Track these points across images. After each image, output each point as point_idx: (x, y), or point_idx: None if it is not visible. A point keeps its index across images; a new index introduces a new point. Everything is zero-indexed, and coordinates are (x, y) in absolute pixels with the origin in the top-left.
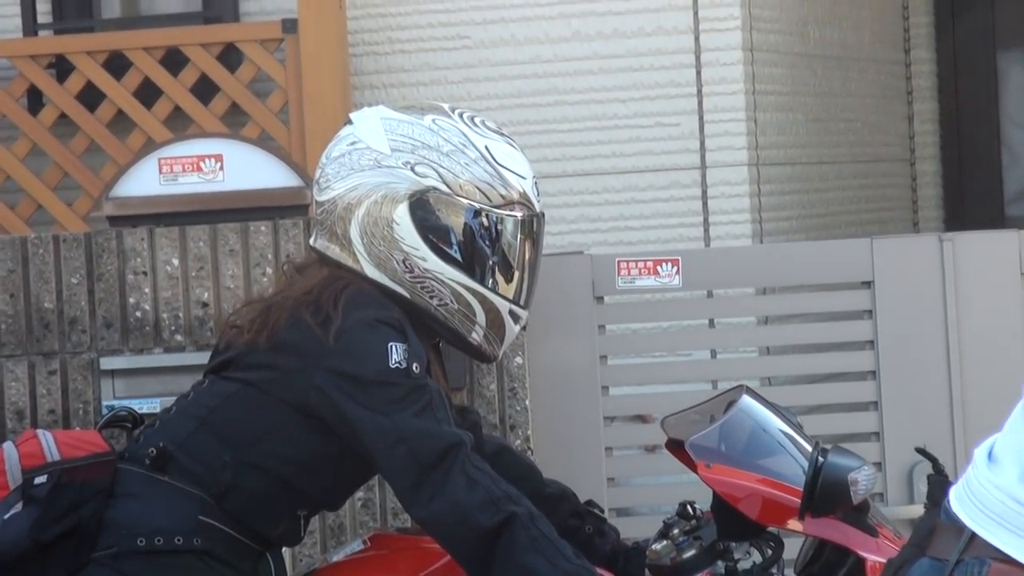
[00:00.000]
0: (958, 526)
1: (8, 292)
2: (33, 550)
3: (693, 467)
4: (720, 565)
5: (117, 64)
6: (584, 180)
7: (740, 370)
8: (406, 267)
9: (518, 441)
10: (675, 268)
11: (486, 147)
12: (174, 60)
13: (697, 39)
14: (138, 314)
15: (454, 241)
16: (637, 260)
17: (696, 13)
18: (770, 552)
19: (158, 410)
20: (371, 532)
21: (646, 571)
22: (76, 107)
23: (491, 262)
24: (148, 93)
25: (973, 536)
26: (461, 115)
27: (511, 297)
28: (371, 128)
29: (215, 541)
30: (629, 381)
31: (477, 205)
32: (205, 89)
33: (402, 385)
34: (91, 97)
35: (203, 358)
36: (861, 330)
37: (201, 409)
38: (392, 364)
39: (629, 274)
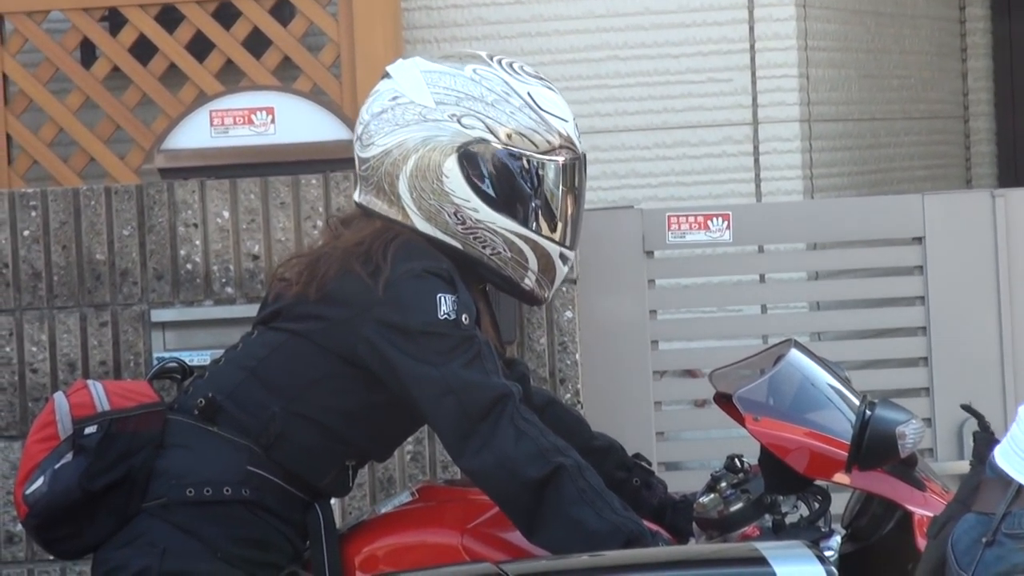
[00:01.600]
0: (1005, 480)
1: (60, 244)
2: (83, 499)
3: (741, 420)
4: (767, 518)
5: (169, 17)
6: (636, 135)
7: (790, 325)
8: (458, 219)
9: (568, 395)
10: (726, 223)
11: (528, 94)
12: (226, 13)
13: None
14: (189, 266)
15: (503, 190)
16: (688, 215)
17: None
18: (817, 506)
19: (208, 362)
20: (419, 484)
21: (693, 524)
22: (128, 60)
23: (539, 208)
24: (200, 46)
25: (1020, 488)
26: (500, 62)
27: (559, 240)
28: (412, 81)
29: (264, 491)
30: (679, 336)
31: (526, 153)
32: (257, 43)
33: (451, 336)
34: (143, 50)
35: (253, 310)
36: (912, 286)
37: (250, 360)
38: (441, 315)
39: (680, 229)
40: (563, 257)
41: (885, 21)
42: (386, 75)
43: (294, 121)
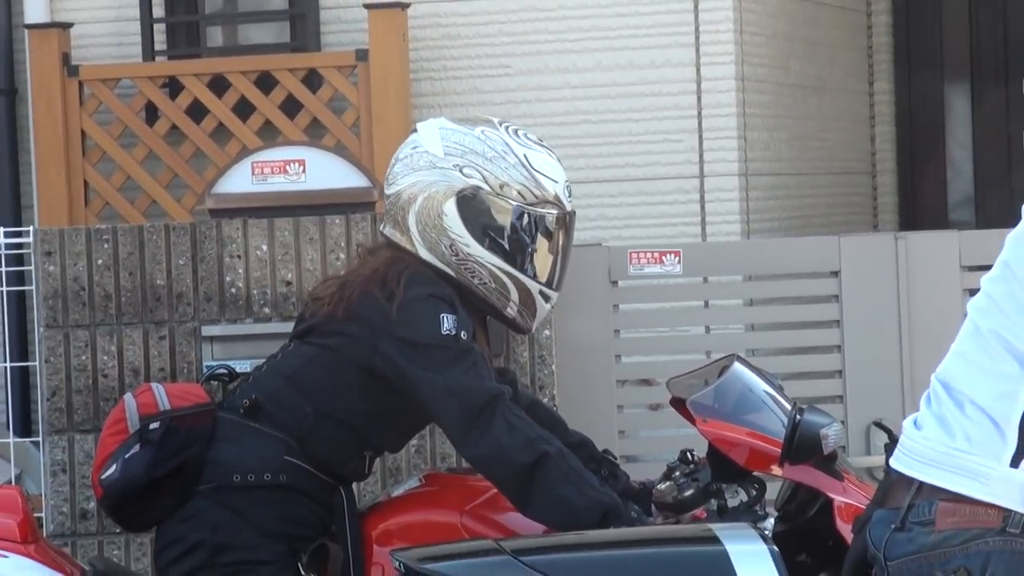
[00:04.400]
0: (906, 480)
1: (128, 271)
2: (148, 483)
3: (692, 421)
4: (713, 503)
5: (219, 84)
6: (603, 185)
7: (729, 343)
8: (452, 251)
9: (546, 399)
10: (677, 258)
11: (524, 155)
12: (266, 82)
13: (698, 70)
14: (233, 290)
15: (492, 231)
16: (646, 251)
17: (697, 49)
18: (755, 492)
19: (249, 369)
20: (426, 471)
21: (652, 507)
22: (185, 120)
23: (524, 250)
24: (244, 109)
25: (920, 485)
26: (507, 128)
27: (543, 280)
28: (430, 135)
29: (297, 477)
30: (638, 351)
31: (514, 203)
32: (291, 106)
33: (452, 348)
34: (197, 112)
35: (287, 327)
36: (829, 311)
37: (287, 368)
38: (444, 331)
39: (639, 263)
40: (543, 295)
41: (808, 93)
42: (414, 129)
43: (321, 171)
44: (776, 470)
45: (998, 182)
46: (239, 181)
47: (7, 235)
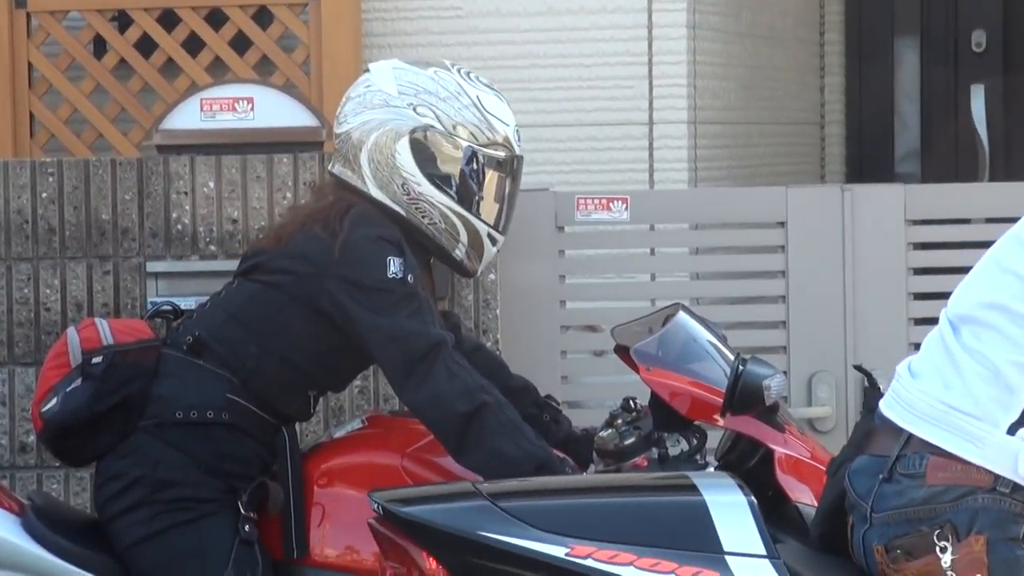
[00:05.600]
0: (895, 428)
1: (72, 205)
2: (89, 418)
3: (636, 369)
4: (655, 451)
5: (169, 19)
6: (552, 130)
7: (675, 291)
8: (404, 190)
9: (489, 343)
10: (624, 205)
11: (477, 97)
12: (216, 18)
13: (650, 16)
14: (179, 227)
15: (444, 171)
16: (593, 197)
17: None
18: (696, 442)
19: (194, 306)
20: (369, 413)
21: (594, 454)
22: (133, 54)
23: (474, 192)
24: (193, 45)
25: (910, 437)
26: (459, 70)
27: (491, 223)
28: (384, 74)
29: (240, 416)
30: (583, 297)
31: (465, 143)
32: (241, 43)
33: (397, 292)
34: (146, 46)
35: (232, 265)
36: (775, 262)
37: (231, 305)
38: (390, 274)
39: (586, 209)
40: (491, 238)
41: (759, 42)
42: (367, 69)
43: (270, 109)
44: (718, 420)
45: (944, 136)
46: (187, 118)
47: None
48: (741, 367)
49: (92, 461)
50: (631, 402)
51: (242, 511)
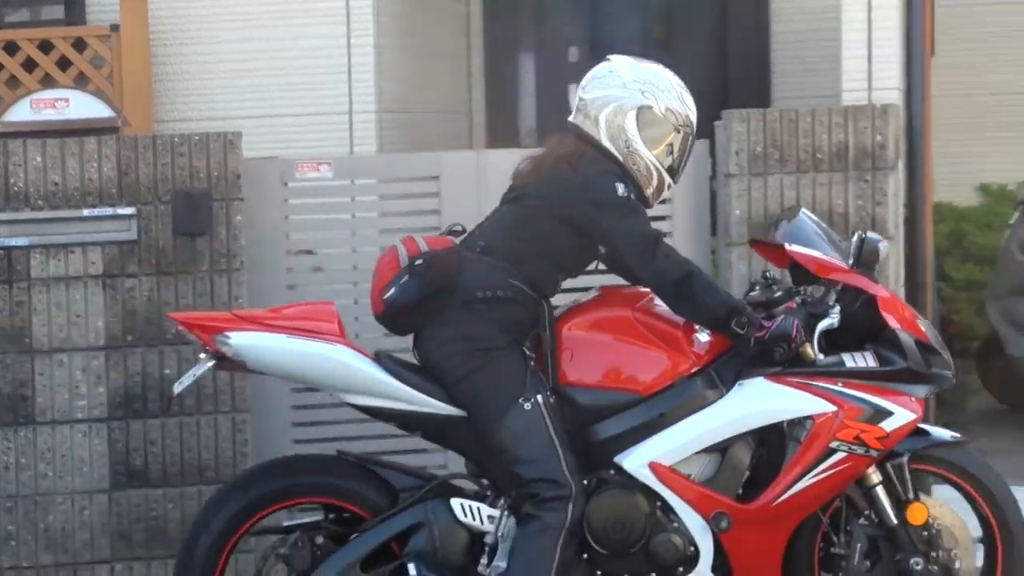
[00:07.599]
0: None
1: None
2: (416, 301)
3: (771, 256)
4: (798, 298)
5: (12, 48)
6: (284, 119)
7: (367, 226)
8: (625, 145)
9: (236, 264)
10: (329, 167)
11: (680, 92)
12: (47, 46)
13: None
14: (15, 188)
15: (653, 137)
16: (308, 161)
17: (348, 16)
18: (824, 290)
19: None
20: (601, 286)
21: (748, 307)
22: None
23: (668, 153)
24: (30, 65)
25: None
26: (670, 72)
27: (673, 176)
28: (623, 66)
29: (518, 293)
30: (302, 230)
31: (670, 122)
32: (65, 63)
33: (627, 205)
34: None
35: (55, 214)
36: (432, 204)
37: (507, 222)
38: (620, 194)
39: (304, 170)
40: (669, 185)
41: (426, 57)
42: (607, 60)
43: (82, 107)
44: (838, 275)
45: (556, 119)
46: (22, 113)
47: None
48: (863, 234)
49: (414, 331)
50: (765, 275)
51: (526, 352)
